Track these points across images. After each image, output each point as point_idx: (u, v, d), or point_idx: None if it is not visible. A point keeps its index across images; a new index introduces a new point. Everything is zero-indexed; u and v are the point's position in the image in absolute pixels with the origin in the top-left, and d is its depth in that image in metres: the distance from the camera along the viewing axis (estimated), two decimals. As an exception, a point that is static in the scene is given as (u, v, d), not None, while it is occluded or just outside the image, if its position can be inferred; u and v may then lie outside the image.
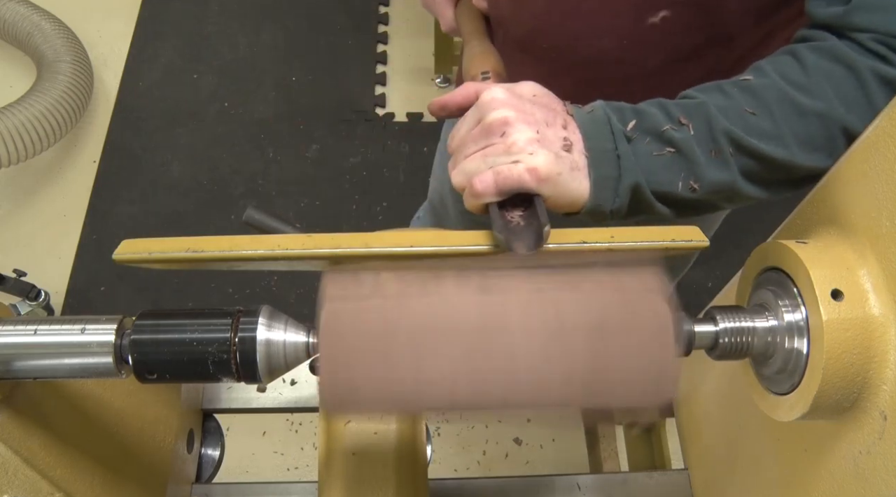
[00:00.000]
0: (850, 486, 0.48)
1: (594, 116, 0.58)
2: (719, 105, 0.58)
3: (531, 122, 0.56)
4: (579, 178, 0.56)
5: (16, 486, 0.54)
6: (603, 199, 0.57)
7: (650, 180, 0.58)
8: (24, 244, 2.05)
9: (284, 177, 2.16)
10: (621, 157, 0.57)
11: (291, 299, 1.95)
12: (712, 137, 0.57)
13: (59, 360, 0.49)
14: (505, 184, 0.54)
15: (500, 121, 0.55)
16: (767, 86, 0.57)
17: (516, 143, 0.54)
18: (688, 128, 0.57)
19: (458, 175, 0.58)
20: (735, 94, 0.58)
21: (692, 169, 0.57)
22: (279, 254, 0.52)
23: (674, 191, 0.58)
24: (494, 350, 0.45)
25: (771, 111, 0.57)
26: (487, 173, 0.54)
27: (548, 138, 0.55)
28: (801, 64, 0.58)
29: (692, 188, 0.58)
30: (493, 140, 0.56)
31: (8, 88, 2.26)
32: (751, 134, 0.56)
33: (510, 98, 0.57)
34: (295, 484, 0.88)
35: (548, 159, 0.54)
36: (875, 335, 0.45)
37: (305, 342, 0.49)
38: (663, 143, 0.58)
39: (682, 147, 0.57)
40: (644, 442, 1.14)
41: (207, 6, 2.53)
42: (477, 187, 0.55)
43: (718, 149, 0.57)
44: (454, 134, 0.61)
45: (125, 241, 0.53)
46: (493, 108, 0.56)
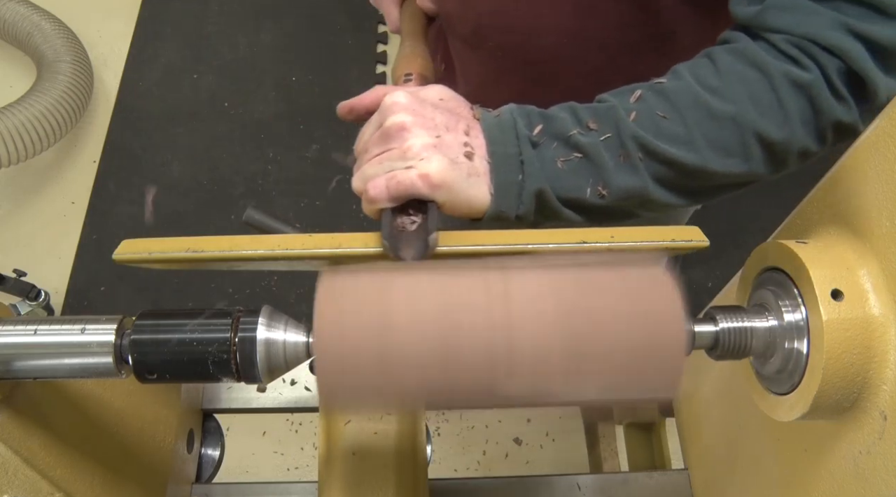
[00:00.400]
0: (850, 486, 0.48)
1: (500, 121, 0.57)
2: (630, 109, 0.56)
3: (430, 127, 0.55)
4: (478, 183, 0.55)
5: (16, 486, 0.54)
6: (506, 205, 0.56)
7: (556, 186, 0.56)
8: (24, 244, 2.05)
9: (284, 177, 2.16)
10: (525, 163, 0.56)
11: (291, 299, 1.95)
12: (620, 142, 0.56)
13: (59, 360, 0.49)
14: (397, 189, 0.53)
15: (398, 125, 0.55)
16: (681, 89, 0.56)
17: (411, 148, 0.53)
18: (596, 133, 0.56)
19: (357, 179, 0.57)
20: (648, 97, 0.57)
21: (600, 174, 0.56)
22: (279, 254, 0.52)
23: (581, 196, 0.57)
24: (496, 344, 0.45)
25: (682, 115, 0.55)
26: (381, 179, 0.54)
27: (446, 144, 0.55)
28: (715, 66, 0.57)
29: (601, 194, 0.57)
30: (391, 144, 0.55)
31: (8, 88, 2.26)
32: (661, 138, 0.55)
33: (411, 102, 0.56)
34: (295, 484, 0.88)
35: (441, 165, 0.53)
36: (875, 335, 0.45)
37: (305, 342, 0.49)
38: (570, 148, 0.56)
39: (589, 152, 0.56)
40: (644, 442, 1.14)
41: (207, 6, 2.53)
42: (370, 193, 0.54)
43: (627, 154, 0.56)
44: (359, 138, 0.60)
45: (125, 241, 0.53)
46: (393, 113, 0.55)
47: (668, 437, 1.09)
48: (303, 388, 0.94)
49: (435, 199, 0.54)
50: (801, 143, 0.56)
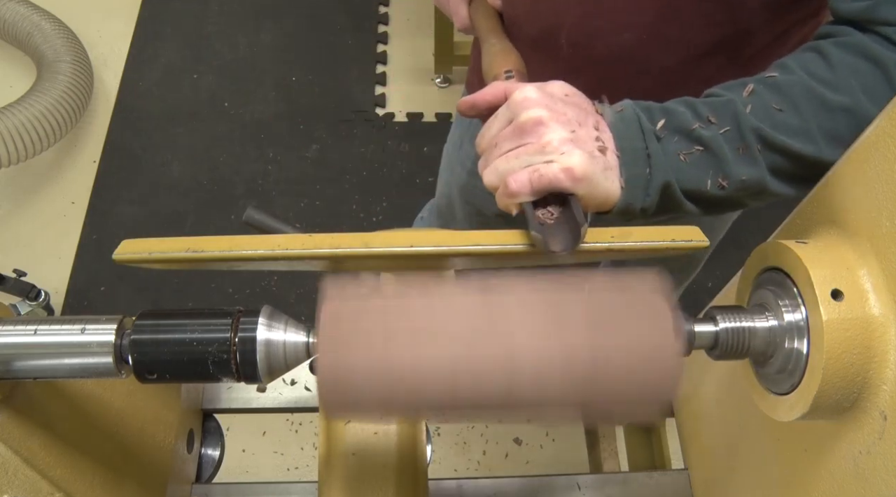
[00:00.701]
0: (850, 486, 0.48)
1: (624, 116, 0.59)
2: (745, 102, 0.58)
3: (564, 121, 0.56)
4: (612, 177, 0.57)
5: (16, 486, 0.54)
6: (634, 197, 0.58)
7: (680, 179, 0.58)
8: (24, 244, 2.05)
9: (284, 177, 2.16)
10: (652, 156, 0.57)
11: (291, 299, 1.95)
12: (740, 135, 0.57)
13: (59, 360, 0.49)
14: (540, 183, 0.54)
15: (534, 120, 0.55)
16: (793, 82, 0.58)
17: (551, 142, 0.54)
18: (716, 126, 0.58)
19: (490, 174, 0.58)
20: (761, 90, 0.58)
21: (721, 167, 0.58)
22: (279, 254, 0.52)
23: (703, 188, 0.58)
24: (494, 350, 0.45)
25: (798, 107, 0.57)
26: (522, 173, 0.55)
27: (581, 138, 0.56)
28: (826, 60, 0.58)
29: (721, 186, 0.58)
30: (526, 139, 0.56)
31: (8, 88, 2.26)
32: (778, 130, 0.57)
33: (543, 97, 0.57)
34: (295, 484, 0.88)
35: (583, 159, 0.54)
36: (875, 335, 0.45)
37: (305, 342, 0.49)
38: (692, 142, 0.58)
39: (711, 145, 0.57)
40: (644, 442, 1.14)
41: (207, 6, 2.53)
42: (512, 186, 0.55)
43: (746, 146, 0.57)
44: (484, 133, 0.61)
45: (125, 241, 0.53)
46: (526, 108, 0.56)
47: (668, 437, 1.09)
48: (303, 388, 0.94)
49: (575, 192, 0.55)
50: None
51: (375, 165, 2.19)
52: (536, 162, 0.55)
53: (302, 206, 2.11)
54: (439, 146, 1.34)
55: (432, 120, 2.29)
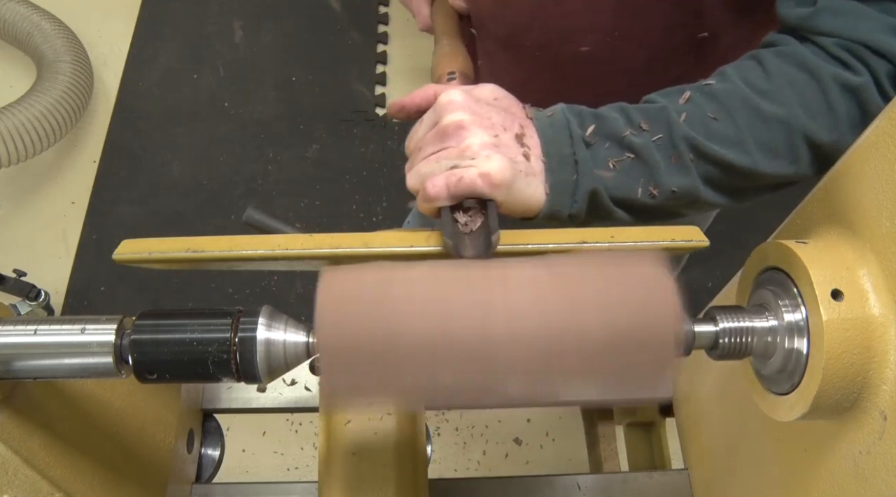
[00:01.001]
0: (850, 486, 0.48)
1: (553, 120, 0.58)
2: (680, 110, 0.57)
3: (487, 126, 0.55)
4: (534, 183, 0.56)
5: (16, 486, 0.54)
6: (560, 204, 0.57)
7: (608, 186, 0.57)
8: (24, 244, 2.05)
9: (284, 177, 2.16)
10: (579, 162, 0.56)
11: (291, 299, 1.95)
12: (672, 143, 0.56)
13: (59, 360, 0.49)
14: (457, 188, 0.53)
15: (456, 124, 0.55)
16: (730, 91, 0.57)
17: (470, 147, 0.54)
18: (648, 133, 0.57)
19: (412, 177, 0.57)
20: (698, 98, 0.57)
21: (652, 175, 0.57)
22: (279, 254, 0.52)
23: (633, 196, 0.58)
24: (496, 342, 0.45)
25: (733, 117, 0.56)
26: (440, 177, 0.54)
27: (503, 143, 0.55)
28: (764, 69, 0.57)
29: (651, 194, 0.57)
30: (448, 143, 0.55)
31: (8, 88, 2.26)
32: (712, 140, 0.56)
33: (467, 101, 0.56)
34: (295, 484, 0.88)
35: (501, 164, 0.53)
36: (875, 335, 0.45)
37: (305, 342, 0.49)
38: (623, 149, 0.57)
39: (642, 152, 0.56)
40: (644, 442, 1.14)
41: (207, 6, 2.53)
42: (429, 191, 0.54)
43: (678, 154, 0.56)
44: (411, 135, 0.60)
45: (125, 241, 0.53)
46: (450, 111, 0.55)
47: (668, 437, 1.09)
48: (303, 388, 0.94)
49: (494, 197, 0.54)
50: (849, 146, 0.57)
51: (375, 165, 2.19)
52: (458, 166, 0.54)
53: (302, 206, 2.11)
54: (439, 146, 1.33)
55: (432, 120, 2.29)
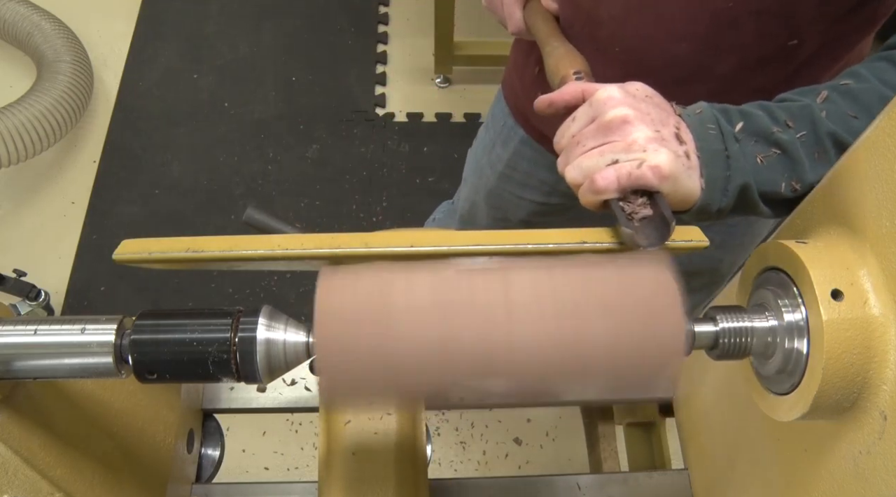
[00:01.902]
0: (850, 486, 0.48)
1: (703, 117, 0.60)
2: (821, 108, 0.59)
3: (649, 121, 0.57)
4: (694, 177, 0.58)
5: (16, 486, 0.54)
6: (712, 198, 0.59)
7: (757, 180, 0.59)
8: (24, 244, 2.05)
9: (284, 177, 2.16)
10: (731, 158, 0.58)
11: (291, 299, 1.95)
12: (817, 139, 0.58)
13: (59, 360, 0.49)
14: (628, 180, 0.55)
15: (620, 119, 0.57)
16: (868, 90, 0.59)
17: (637, 141, 0.56)
18: (793, 130, 0.59)
19: (573, 170, 0.59)
20: (835, 97, 0.59)
21: (796, 170, 0.59)
22: (279, 254, 0.52)
23: (777, 190, 0.60)
24: (496, 341, 0.45)
25: (872, 114, 0.57)
26: (609, 170, 0.56)
27: (665, 137, 0.57)
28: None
29: (794, 188, 0.59)
30: (611, 137, 0.57)
31: (8, 88, 2.26)
32: (854, 137, 0.57)
33: (626, 97, 0.58)
34: (295, 484, 0.88)
35: (669, 158, 0.55)
36: (875, 335, 0.45)
37: (305, 342, 0.49)
38: (770, 145, 0.59)
39: (788, 149, 0.59)
40: (644, 442, 1.14)
41: (207, 6, 2.53)
42: (599, 183, 0.56)
43: (823, 151, 0.58)
44: (563, 131, 0.62)
45: (125, 241, 0.53)
46: (611, 107, 0.57)
47: (668, 437, 1.09)
48: (303, 388, 0.94)
49: (661, 190, 0.56)
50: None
51: (375, 165, 2.19)
52: (623, 160, 0.56)
53: (302, 206, 2.11)
54: (439, 146, 1.34)
55: (432, 120, 2.29)
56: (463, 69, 2.32)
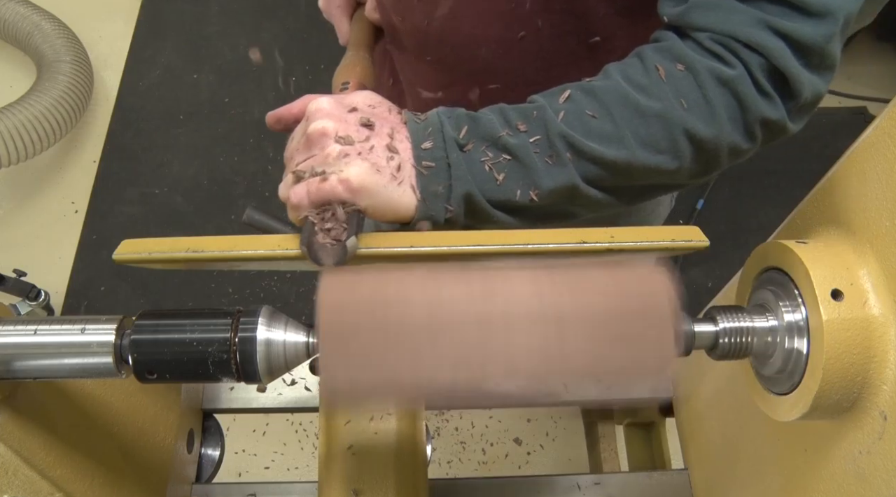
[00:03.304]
0: (850, 486, 0.48)
1: (426, 124, 0.57)
2: (559, 109, 0.56)
3: (352, 131, 0.55)
4: (402, 188, 0.55)
5: (16, 486, 0.54)
6: (434, 209, 0.56)
7: (485, 189, 0.56)
8: (24, 244, 2.05)
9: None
10: (452, 166, 0.55)
11: (291, 299, 1.95)
12: (549, 142, 0.55)
13: (59, 360, 0.49)
14: (318, 195, 0.53)
15: (319, 131, 0.55)
16: (609, 87, 0.56)
17: (331, 153, 0.53)
18: (526, 134, 0.56)
19: (282, 187, 0.57)
20: (577, 96, 0.57)
21: (530, 176, 0.56)
22: (279, 254, 0.52)
23: (512, 199, 0.56)
24: (494, 343, 0.45)
25: (611, 113, 0.55)
26: (302, 185, 0.54)
27: (368, 148, 0.54)
28: (644, 65, 0.57)
29: (531, 196, 0.56)
30: (313, 151, 0.55)
31: (8, 88, 2.26)
32: (590, 137, 0.55)
33: (334, 108, 0.56)
34: (295, 484, 0.88)
35: (361, 170, 0.53)
36: (875, 335, 0.45)
37: (305, 342, 0.49)
38: (499, 150, 0.56)
39: (518, 153, 0.56)
40: (644, 442, 1.14)
41: (207, 6, 2.53)
42: (292, 199, 0.54)
43: (556, 154, 0.55)
44: (287, 146, 0.60)
45: (125, 241, 0.53)
46: (316, 119, 0.55)
47: (668, 437, 1.09)
48: (303, 388, 0.94)
49: (357, 203, 0.53)
50: (729, 140, 0.56)
51: (375, 165, 2.19)
52: (318, 174, 0.53)
53: (302, 206, 2.11)
54: (439, 146, 1.33)
55: (432, 120, 2.29)
56: (463, 69, 2.33)
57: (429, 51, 0.78)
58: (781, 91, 0.54)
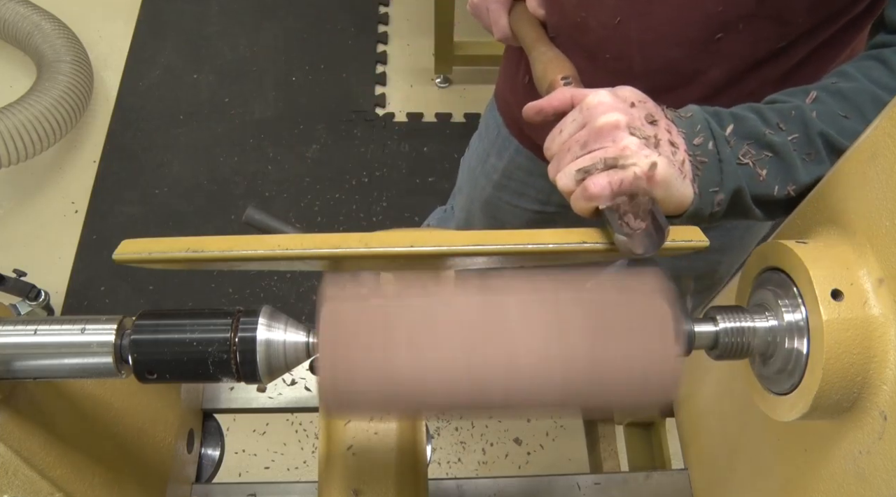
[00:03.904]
0: (850, 486, 0.48)
1: (693, 121, 0.59)
2: (811, 108, 0.58)
3: (640, 125, 0.56)
4: (687, 182, 0.57)
5: (16, 486, 0.54)
6: (705, 202, 0.58)
7: (750, 184, 0.58)
8: (24, 244, 2.05)
9: (284, 177, 2.16)
10: (723, 162, 0.58)
11: (291, 299, 1.95)
12: (809, 141, 0.58)
13: (59, 360, 0.49)
14: (621, 187, 0.54)
15: (611, 124, 0.56)
16: (857, 89, 0.58)
17: (629, 146, 0.55)
18: (785, 132, 0.58)
19: (564, 177, 0.58)
20: (825, 97, 0.59)
21: (790, 172, 0.58)
22: (279, 254, 0.52)
23: (770, 193, 0.59)
24: (494, 350, 0.45)
25: (863, 113, 0.57)
26: (601, 176, 0.55)
27: (657, 142, 0.56)
28: (887, 67, 0.58)
29: (788, 191, 0.59)
30: (603, 143, 0.56)
31: (8, 88, 2.26)
32: (845, 137, 0.57)
33: (617, 101, 0.57)
34: (295, 484, 0.88)
35: (662, 163, 0.55)
36: (875, 335, 0.45)
37: (305, 342, 0.49)
38: (762, 148, 0.58)
39: (781, 151, 0.58)
40: (644, 442, 1.14)
41: (207, 6, 2.53)
42: (591, 190, 0.55)
43: (815, 151, 0.58)
44: (554, 137, 0.61)
45: (125, 241, 0.53)
46: (602, 112, 0.56)
47: (668, 437, 1.09)
48: (303, 388, 0.94)
49: (654, 195, 0.55)
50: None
51: (375, 165, 2.19)
52: (615, 165, 0.55)
53: (302, 206, 2.11)
54: (439, 146, 1.33)
55: (432, 120, 2.29)
56: (463, 69, 2.32)
57: (609, 49, 0.78)
58: None
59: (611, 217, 0.54)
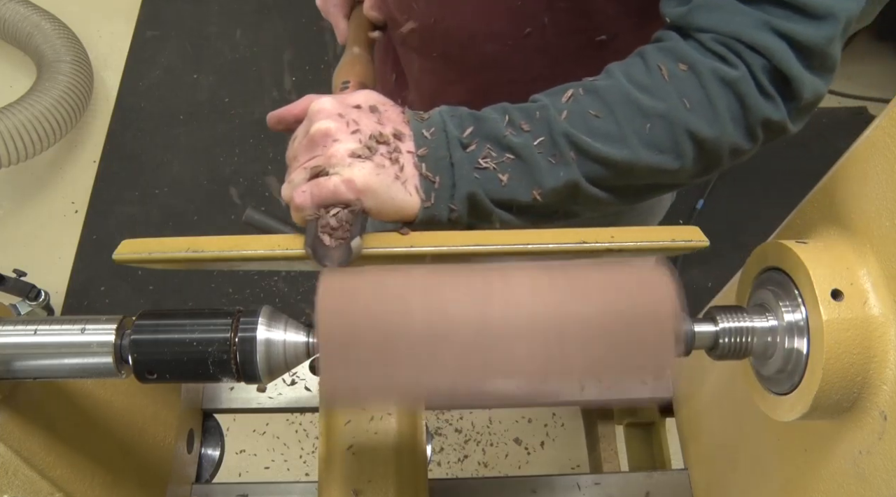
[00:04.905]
0: (850, 486, 0.48)
1: (429, 123, 0.57)
2: (562, 108, 0.56)
3: (353, 132, 0.55)
4: (405, 188, 0.55)
5: (16, 486, 0.54)
6: (437, 208, 0.56)
7: (488, 189, 0.56)
8: (24, 244, 2.05)
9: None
10: (455, 165, 0.55)
11: (292, 299, 1.95)
12: (553, 142, 0.55)
13: (59, 360, 0.49)
14: (321, 196, 0.52)
15: (322, 132, 0.54)
16: (612, 87, 0.56)
17: (335, 154, 0.53)
18: (529, 133, 0.56)
19: (285, 188, 0.56)
20: (580, 96, 0.57)
21: (533, 175, 0.56)
22: (279, 254, 0.52)
23: (515, 198, 0.56)
24: (494, 344, 0.45)
25: (614, 113, 0.55)
26: (306, 186, 0.53)
27: (369, 149, 0.54)
28: (646, 65, 0.57)
29: (534, 195, 0.56)
30: (316, 151, 0.55)
31: (8, 88, 2.26)
32: (593, 137, 0.55)
33: (336, 107, 0.56)
34: (295, 484, 0.88)
35: (364, 170, 0.53)
36: (875, 335, 0.45)
37: (305, 342, 0.49)
38: (503, 150, 0.56)
39: (522, 153, 0.55)
40: (644, 442, 1.14)
41: (207, 6, 2.53)
42: (296, 200, 0.53)
43: (559, 153, 0.55)
44: (289, 146, 0.60)
45: (125, 241, 0.53)
46: (318, 120, 0.55)
47: (668, 437, 1.09)
48: (303, 388, 0.94)
49: (361, 204, 0.53)
50: (731, 141, 0.56)
51: (375, 165, 2.19)
52: (321, 174, 0.53)
53: (302, 206, 2.11)
54: (439, 146, 1.33)
55: (432, 120, 2.29)
56: (463, 69, 2.33)
57: (434, 47, 0.78)
58: (783, 92, 0.54)
59: (309, 227, 0.53)
